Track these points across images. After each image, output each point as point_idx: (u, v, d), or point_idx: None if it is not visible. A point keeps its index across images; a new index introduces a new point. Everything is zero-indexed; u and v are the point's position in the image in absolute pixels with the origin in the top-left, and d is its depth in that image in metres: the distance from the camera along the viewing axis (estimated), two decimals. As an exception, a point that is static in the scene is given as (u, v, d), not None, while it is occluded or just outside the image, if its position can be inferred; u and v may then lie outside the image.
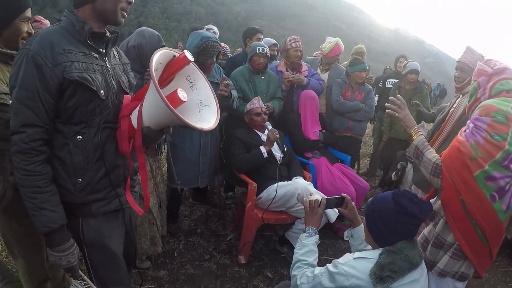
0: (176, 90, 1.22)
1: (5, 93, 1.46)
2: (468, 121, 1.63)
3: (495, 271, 3.22)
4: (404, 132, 3.98)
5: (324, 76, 3.75)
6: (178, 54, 1.29)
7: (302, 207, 2.41)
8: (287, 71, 3.39)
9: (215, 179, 3.40)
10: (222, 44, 4.42)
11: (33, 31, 1.59)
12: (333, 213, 2.51)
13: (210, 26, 4.10)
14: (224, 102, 2.65)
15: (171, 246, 2.79)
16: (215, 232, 3.07)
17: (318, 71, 3.79)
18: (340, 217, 2.52)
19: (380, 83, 5.25)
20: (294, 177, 2.78)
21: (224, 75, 2.89)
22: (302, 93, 3.30)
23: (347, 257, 1.45)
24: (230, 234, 3.04)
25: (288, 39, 3.48)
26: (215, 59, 2.65)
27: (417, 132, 1.73)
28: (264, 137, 2.86)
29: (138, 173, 1.89)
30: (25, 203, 1.22)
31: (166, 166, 3.06)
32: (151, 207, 2.33)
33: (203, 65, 2.53)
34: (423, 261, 1.43)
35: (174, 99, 1.20)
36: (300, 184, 2.55)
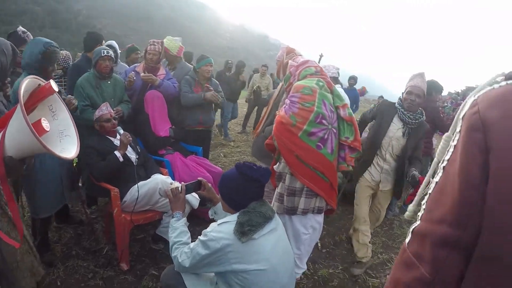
0: (40, 119, 1.22)
1: None
2: (286, 99, 2.14)
3: (340, 216, 4.06)
4: None
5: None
6: (44, 83, 1.26)
7: (166, 201, 2.58)
8: (143, 72, 3.37)
9: (74, 196, 3.21)
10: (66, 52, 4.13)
11: None
12: (194, 200, 2.68)
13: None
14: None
15: (52, 277, 2.59)
16: (90, 249, 2.97)
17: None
18: (202, 202, 2.73)
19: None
20: (152, 175, 2.85)
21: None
22: (148, 94, 3.35)
23: (213, 225, 1.67)
24: (106, 247, 2.97)
25: (149, 42, 3.45)
26: (56, 66, 2.47)
27: None
28: (116, 142, 2.85)
29: None
30: None
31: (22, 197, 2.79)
32: (25, 235, 2.12)
33: (45, 72, 2.35)
34: (276, 215, 1.75)
35: (38, 129, 1.18)
36: (159, 179, 2.67)
